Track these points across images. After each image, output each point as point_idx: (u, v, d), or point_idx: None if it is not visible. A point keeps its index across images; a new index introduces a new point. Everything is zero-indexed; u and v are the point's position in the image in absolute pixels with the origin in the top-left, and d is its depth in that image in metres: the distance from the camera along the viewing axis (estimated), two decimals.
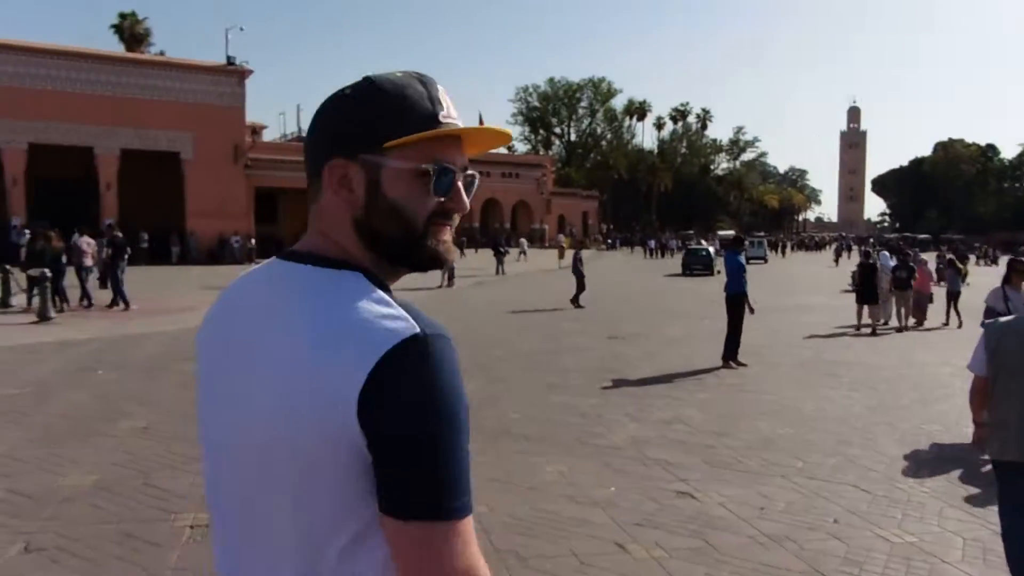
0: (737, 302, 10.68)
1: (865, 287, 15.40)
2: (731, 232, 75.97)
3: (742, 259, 10.92)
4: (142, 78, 35.82)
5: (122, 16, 58.90)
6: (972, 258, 46.00)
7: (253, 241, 38.13)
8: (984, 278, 33.32)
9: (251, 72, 38.78)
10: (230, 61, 38.10)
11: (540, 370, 9.80)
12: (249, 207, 39.21)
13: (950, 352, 12.26)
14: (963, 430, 7.11)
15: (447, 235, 1.05)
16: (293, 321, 0.94)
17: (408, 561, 0.90)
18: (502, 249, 31.82)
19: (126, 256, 16.53)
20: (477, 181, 1.09)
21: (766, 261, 48.42)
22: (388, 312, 0.93)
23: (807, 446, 6.51)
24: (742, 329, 10.65)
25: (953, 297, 16.54)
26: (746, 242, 12.02)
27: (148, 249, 34.05)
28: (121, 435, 6.29)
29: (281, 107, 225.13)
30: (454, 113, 1.03)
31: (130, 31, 58.31)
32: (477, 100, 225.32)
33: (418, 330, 0.91)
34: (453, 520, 0.89)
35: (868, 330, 14.97)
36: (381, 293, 0.96)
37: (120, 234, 17.35)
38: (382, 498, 0.90)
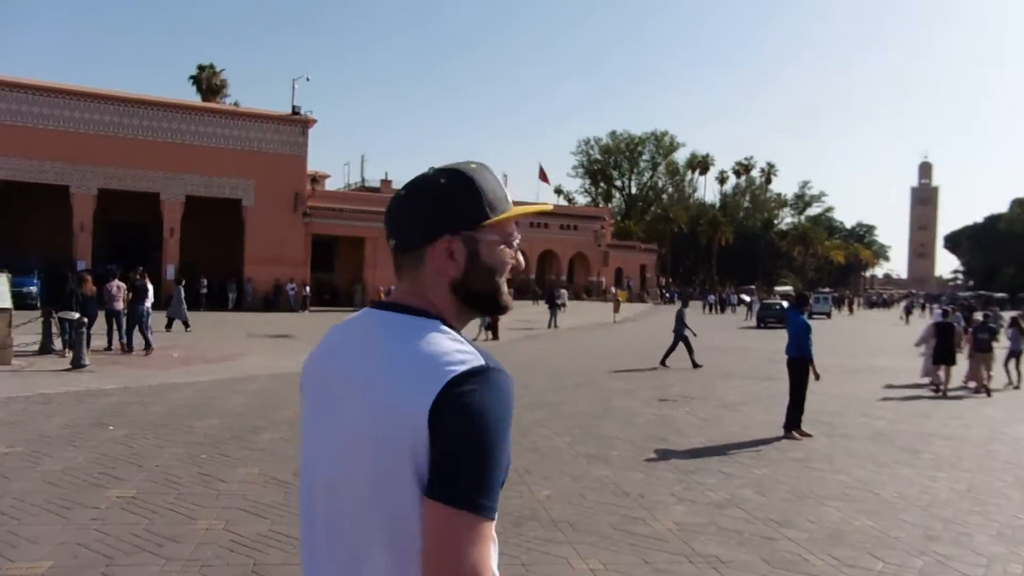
0: (801, 367, 9.69)
1: (942, 347, 14.89)
2: (789, 287, 73.82)
3: (806, 319, 9.96)
4: (209, 126, 36.65)
5: (200, 68, 61.11)
6: None
7: (308, 288, 38.22)
8: None
9: (315, 121, 39.34)
10: (295, 111, 38.73)
11: (581, 437, 8.94)
12: (306, 254, 39.46)
13: None
14: None
15: (507, 287, 1.40)
16: (391, 349, 1.24)
17: (435, 537, 1.12)
18: (558, 302, 31.02)
19: (148, 300, 16.30)
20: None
21: (829, 316, 47.49)
22: (462, 348, 1.22)
23: (886, 542, 5.52)
24: (805, 396, 9.66)
25: (1015, 355, 16.54)
26: (812, 299, 10.80)
27: (207, 294, 34.33)
28: (103, 507, 5.64)
29: (346, 157, 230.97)
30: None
31: (207, 82, 60.42)
32: (539, 152, 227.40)
33: (483, 363, 1.20)
34: (480, 516, 1.13)
35: (942, 391, 14.41)
36: (456, 335, 1.27)
37: (140, 277, 17.08)
38: (430, 484, 1.15)
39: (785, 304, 37.90)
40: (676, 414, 10.94)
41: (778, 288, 71.23)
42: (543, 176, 79.07)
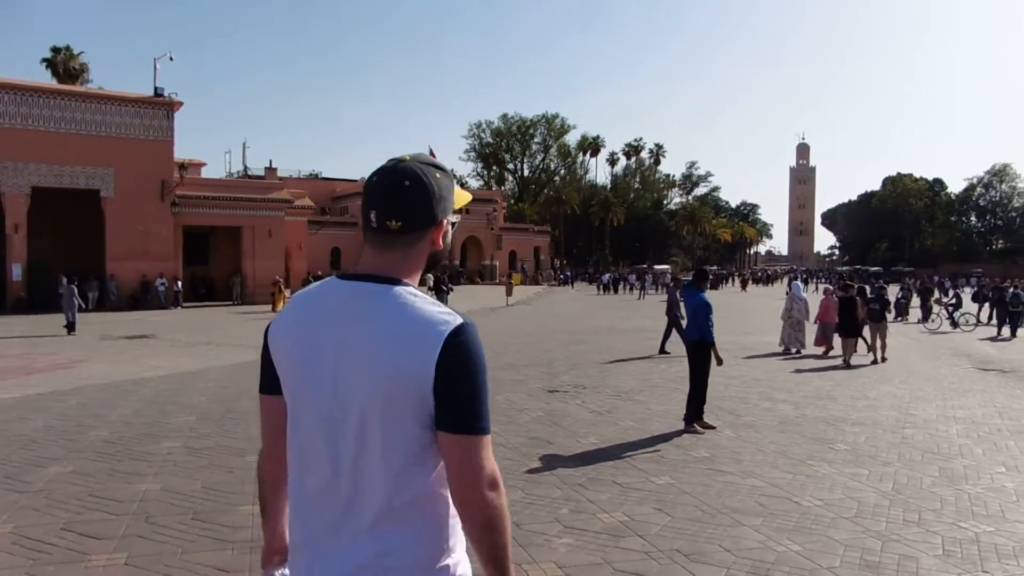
0: (701, 352, 8.65)
1: (844, 319, 15.25)
2: (666, 267, 74.00)
3: (707, 298, 8.86)
4: (58, 110, 33.01)
5: (55, 51, 55.73)
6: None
7: (180, 284, 35.36)
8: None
9: (180, 104, 36.21)
10: (158, 92, 35.52)
11: None
12: (177, 247, 36.41)
13: (941, 399, 10.42)
14: (1017, 528, 5.10)
15: None
16: (386, 317, 1.49)
17: (458, 461, 1.47)
18: (444, 287, 29.56)
19: None
20: None
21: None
22: (441, 308, 1.51)
23: (821, 574, 4.42)
24: (707, 384, 8.62)
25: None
26: (711, 277, 9.67)
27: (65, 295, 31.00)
28: None
29: (227, 145, 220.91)
30: None
31: (64, 66, 55.01)
32: (429, 135, 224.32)
33: (462, 320, 1.50)
34: (487, 434, 1.50)
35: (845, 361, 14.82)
36: (427, 296, 1.54)
37: None
38: (442, 421, 1.47)
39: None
40: (566, 408, 9.74)
41: (657, 267, 71.67)
42: (432, 156, 77.48)
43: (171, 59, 37.96)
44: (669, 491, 6.05)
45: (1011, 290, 23.75)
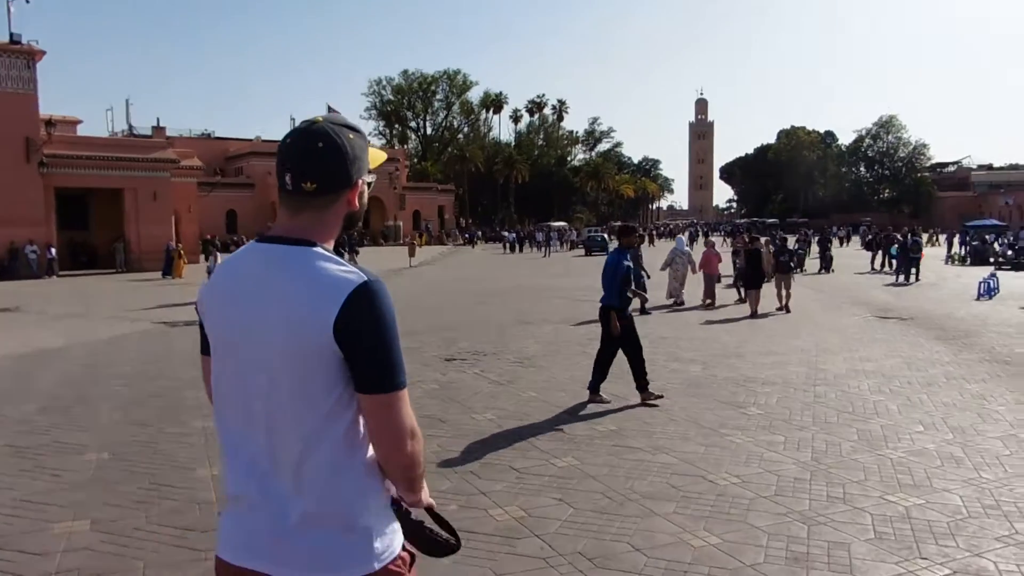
0: (607, 318, 7.77)
1: (751, 272, 15.37)
2: (564, 223, 72.99)
3: (628, 261, 7.88)
4: None
5: None
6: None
7: (54, 250, 32.64)
8: (851, 260, 33.07)
9: (43, 53, 33.07)
10: (13, 39, 32.28)
11: None
12: (48, 211, 33.55)
13: (847, 351, 10.18)
14: (947, 499, 4.63)
15: None
16: (293, 277, 1.52)
17: (378, 419, 1.53)
18: (342, 250, 28.24)
19: None
20: None
21: (605, 251, 47.95)
22: (347, 268, 1.53)
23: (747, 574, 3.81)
24: (614, 355, 7.81)
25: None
26: (636, 234, 8.74)
27: None
28: None
29: (109, 102, 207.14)
30: None
31: None
32: (328, 93, 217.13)
33: (366, 278, 1.51)
34: (400, 390, 1.53)
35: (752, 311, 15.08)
36: (337, 258, 1.56)
37: None
38: (358, 382, 1.51)
39: (605, 236, 37.77)
40: (463, 378, 8.98)
41: (553, 223, 71.33)
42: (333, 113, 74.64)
43: (27, 1, 34.51)
44: (572, 475, 5.36)
45: (911, 237, 24.35)
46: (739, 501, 4.81)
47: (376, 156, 1.70)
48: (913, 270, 24.06)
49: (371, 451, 1.59)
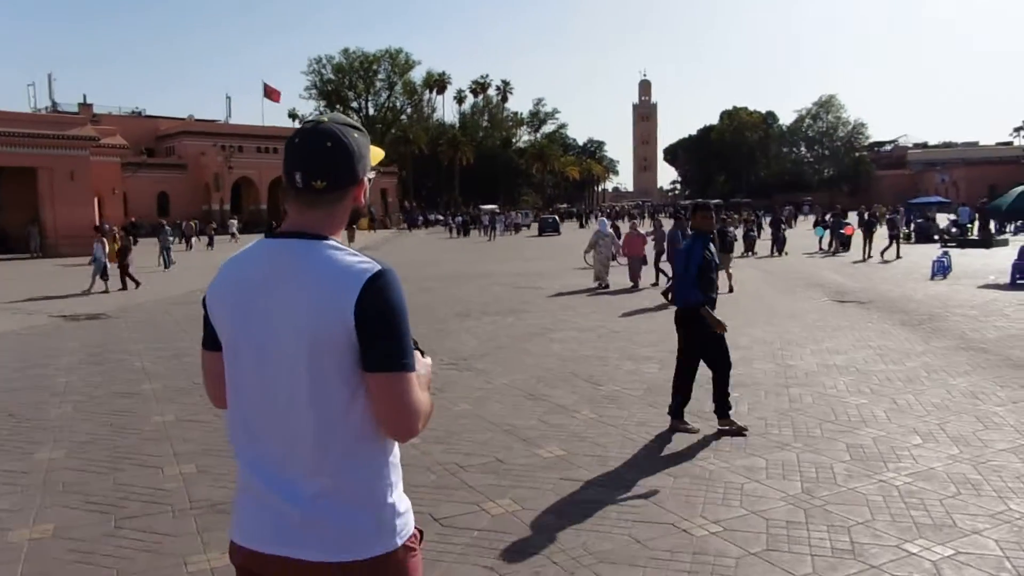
0: (694, 320, 5.98)
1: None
2: (493, 206, 71.02)
3: (710, 249, 6.03)
4: None
5: None
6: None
7: None
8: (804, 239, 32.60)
9: None
10: None
11: (224, 459, 5.44)
12: None
13: (813, 343, 9.23)
14: (981, 545, 3.59)
15: None
16: (311, 267, 1.58)
17: (386, 399, 1.56)
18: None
19: None
20: None
21: (559, 233, 48.89)
22: (362, 259, 1.59)
23: None
24: (695, 368, 6.06)
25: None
26: (712, 213, 6.34)
27: None
28: None
29: (30, 77, 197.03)
30: None
31: None
32: (264, 71, 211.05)
33: (380, 267, 1.57)
34: (408, 371, 1.57)
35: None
36: (350, 249, 1.61)
37: None
38: (368, 362, 1.55)
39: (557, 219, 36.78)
40: None
41: (483, 206, 70.29)
42: (270, 94, 71.85)
43: None
44: (508, 527, 4.19)
45: (888, 216, 24.69)
46: (723, 562, 3.72)
47: (376, 153, 1.76)
48: (867, 245, 24.50)
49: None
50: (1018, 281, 16.20)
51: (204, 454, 5.61)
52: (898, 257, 23.81)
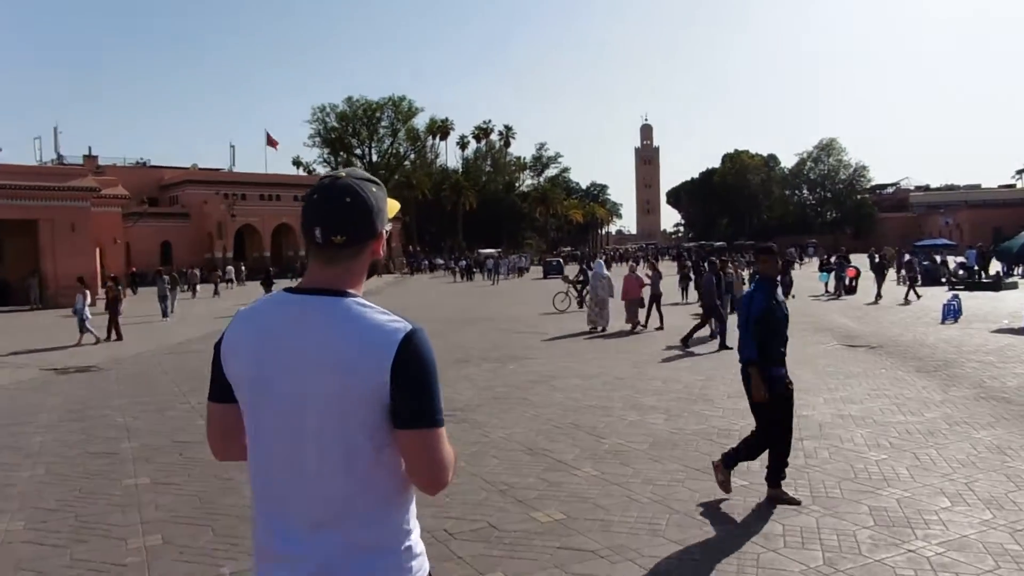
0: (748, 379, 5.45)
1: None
2: (493, 250, 70.90)
3: (777, 298, 5.51)
4: None
5: None
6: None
7: None
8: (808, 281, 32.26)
9: None
10: None
11: (200, 529, 5.03)
12: None
13: (827, 391, 8.81)
14: None
15: None
16: (337, 324, 1.57)
17: (419, 455, 1.57)
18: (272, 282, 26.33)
19: None
20: None
21: (561, 274, 47.90)
22: (392, 318, 1.59)
23: None
24: (775, 438, 5.43)
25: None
26: (775, 257, 5.67)
27: None
28: None
29: (37, 131, 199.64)
30: None
31: None
32: (269, 120, 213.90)
33: (411, 327, 1.58)
34: (440, 427, 1.58)
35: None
36: (376, 306, 1.62)
37: None
38: (401, 419, 1.55)
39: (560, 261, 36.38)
40: None
41: (482, 251, 70.33)
42: (271, 141, 72.76)
43: None
44: None
45: (906, 258, 24.82)
46: None
47: (392, 206, 1.76)
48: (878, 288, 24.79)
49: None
50: None
51: (172, 522, 5.21)
52: (918, 298, 23.52)
